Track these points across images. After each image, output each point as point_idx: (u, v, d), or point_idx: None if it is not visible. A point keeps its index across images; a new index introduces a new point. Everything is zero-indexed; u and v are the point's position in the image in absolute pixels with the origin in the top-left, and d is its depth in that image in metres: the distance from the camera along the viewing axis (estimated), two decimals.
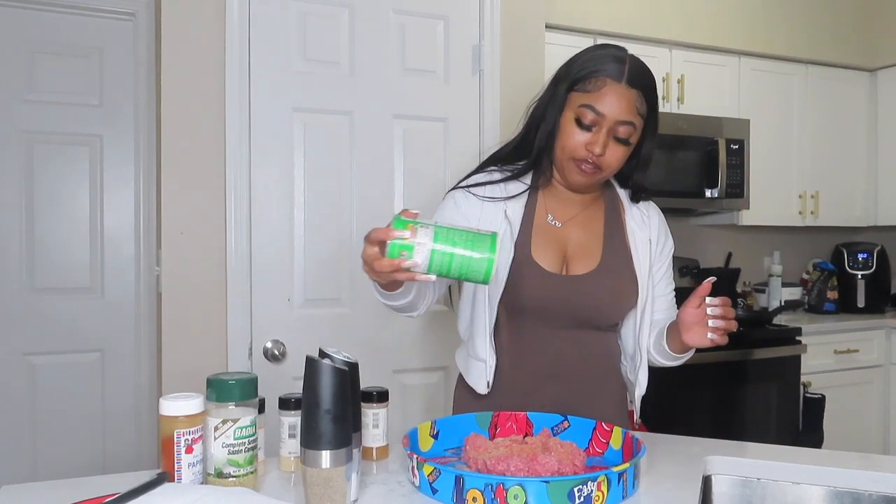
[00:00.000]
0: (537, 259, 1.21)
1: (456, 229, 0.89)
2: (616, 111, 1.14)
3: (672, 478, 0.98)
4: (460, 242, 0.88)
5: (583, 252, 1.23)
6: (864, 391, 3.11)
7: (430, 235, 0.88)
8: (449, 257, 0.87)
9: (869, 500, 1.01)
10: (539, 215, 1.26)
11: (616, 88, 1.15)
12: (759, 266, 3.55)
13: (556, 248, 1.23)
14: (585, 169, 1.18)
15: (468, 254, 0.87)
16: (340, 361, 0.86)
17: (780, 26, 3.23)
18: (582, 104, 1.16)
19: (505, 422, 1.11)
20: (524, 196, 1.26)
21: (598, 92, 1.15)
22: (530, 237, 1.23)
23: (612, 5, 2.85)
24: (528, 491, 0.81)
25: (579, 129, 1.16)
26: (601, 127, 1.15)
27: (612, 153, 1.17)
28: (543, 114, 1.22)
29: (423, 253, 0.87)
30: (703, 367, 2.61)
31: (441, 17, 2.14)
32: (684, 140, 2.88)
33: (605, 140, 1.15)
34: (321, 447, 0.82)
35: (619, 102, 1.14)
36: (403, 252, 0.87)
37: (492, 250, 0.88)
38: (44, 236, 2.22)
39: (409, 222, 0.89)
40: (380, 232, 0.91)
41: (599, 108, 1.14)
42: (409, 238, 0.87)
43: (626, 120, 1.15)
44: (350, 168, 2.03)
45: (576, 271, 1.22)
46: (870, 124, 3.50)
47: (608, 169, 1.19)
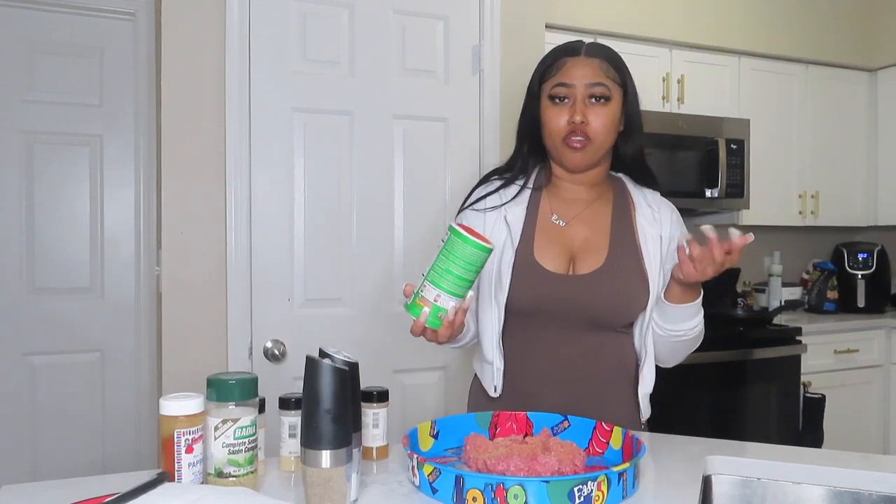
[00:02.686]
0: (540, 260, 1.21)
1: (437, 260, 0.99)
2: (582, 76, 1.21)
3: (672, 478, 0.98)
4: (445, 262, 0.98)
5: (589, 250, 1.23)
6: (864, 391, 3.11)
7: (431, 287, 0.99)
8: (452, 276, 0.98)
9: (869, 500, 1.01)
10: (543, 216, 1.26)
11: (576, 60, 1.23)
12: (759, 266, 3.55)
13: (560, 247, 1.23)
14: (575, 143, 1.21)
15: (455, 258, 0.97)
16: (340, 361, 0.86)
17: (781, 26, 3.23)
18: (552, 86, 1.23)
19: (505, 422, 1.11)
20: (525, 198, 1.27)
21: (562, 69, 1.23)
22: (533, 238, 1.23)
23: (612, 5, 2.85)
24: (528, 491, 0.81)
25: (556, 108, 1.22)
26: (574, 96, 1.21)
27: (595, 117, 1.20)
28: (525, 115, 1.31)
29: (443, 298, 0.99)
30: (703, 367, 2.61)
31: (441, 17, 2.14)
32: (684, 140, 2.88)
33: (581, 107, 1.20)
34: (321, 447, 0.82)
35: (583, 69, 1.22)
36: (440, 315, 1.00)
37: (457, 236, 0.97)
38: (44, 236, 2.22)
39: (416, 298, 1.01)
40: (415, 330, 1.05)
41: (566, 80, 1.22)
42: (428, 308, 0.99)
43: (595, 82, 1.21)
44: (350, 168, 2.03)
45: (582, 270, 1.22)
46: (870, 124, 3.49)
47: (597, 136, 1.21)
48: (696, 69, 3.02)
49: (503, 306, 1.22)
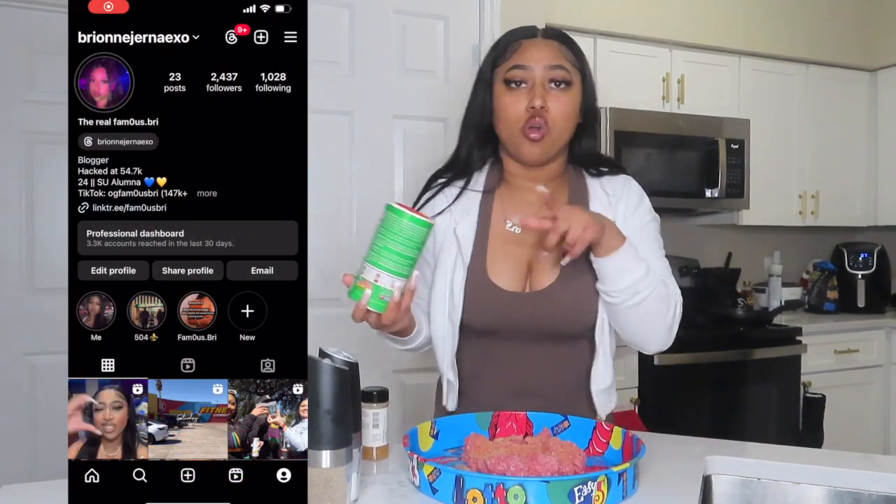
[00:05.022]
0: (495, 278, 1.14)
1: (374, 239, 0.96)
2: (541, 57, 1.12)
3: (672, 478, 0.98)
4: (383, 240, 0.94)
5: (545, 259, 1.13)
6: (864, 391, 3.11)
7: (370, 267, 0.95)
8: (391, 253, 0.94)
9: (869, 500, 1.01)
10: (496, 223, 1.18)
11: (533, 42, 1.15)
12: (759, 266, 3.55)
13: (515, 260, 1.15)
14: (534, 135, 1.11)
15: (393, 234, 0.94)
16: (340, 361, 0.86)
17: (781, 26, 3.23)
18: (508, 69, 1.13)
19: (505, 422, 1.11)
20: (476, 205, 1.18)
21: (518, 51, 1.14)
22: (486, 253, 1.16)
23: (612, 5, 2.85)
24: (528, 491, 0.81)
25: (513, 94, 1.12)
26: (533, 80, 1.12)
27: (555, 103, 1.11)
28: (474, 104, 1.19)
29: (383, 278, 0.94)
30: (703, 367, 2.61)
31: (441, 17, 2.14)
32: (684, 140, 2.88)
33: (541, 91, 1.11)
34: (321, 447, 0.82)
35: (542, 51, 1.13)
36: (382, 295, 0.95)
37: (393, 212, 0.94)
38: (44, 236, 2.22)
39: (357, 281, 0.96)
40: (356, 315, 0.99)
41: (524, 62, 1.12)
42: (369, 290, 0.95)
43: (555, 64, 1.12)
44: (350, 168, 2.03)
45: (538, 283, 1.14)
46: (870, 124, 3.49)
47: (556, 125, 1.12)
48: (696, 69, 3.02)
49: (458, 325, 1.15)
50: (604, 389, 1.16)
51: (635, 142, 2.77)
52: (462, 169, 1.21)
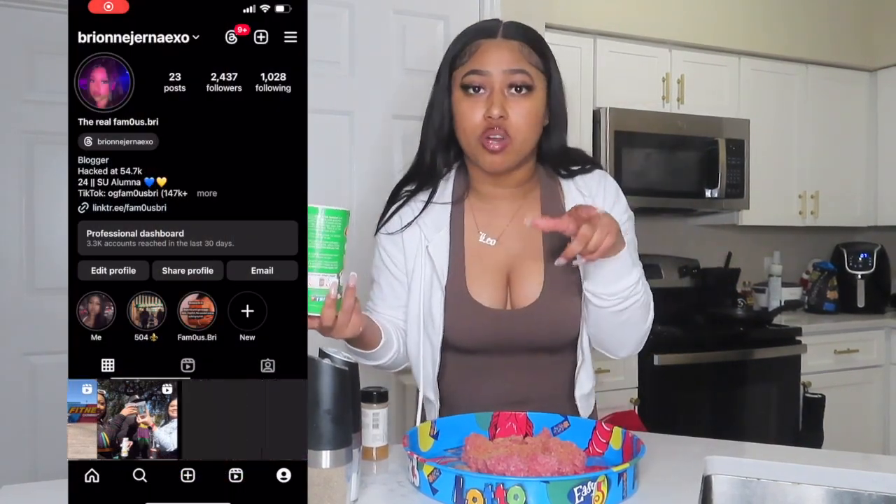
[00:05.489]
0: (475, 294, 1.11)
1: None
2: (499, 61, 1.05)
3: (672, 478, 0.98)
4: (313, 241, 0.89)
5: (525, 271, 1.11)
6: (864, 391, 3.11)
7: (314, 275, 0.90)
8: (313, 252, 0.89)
9: (869, 501, 1.01)
10: (469, 237, 1.14)
11: (493, 43, 1.07)
12: (759, 266, 3.55)
13: (494, 274, 1.12)
14: (493, 146, 1.05)
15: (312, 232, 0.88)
16: (340, 361, 0.86)
17: (781, 26, 3.23)
18: (465, 74, 1.07)
19: (505, 422, 1.11)
20: (446, 218, 1.14)
21: (476, 53, 1.07)
22: (463, 268, 1.12)
23: (612, 5, 2.85)
24: (528, 491, 0.81)
25: (470, 101, 1.06)
26: (492, 86, 1.05)
27: (516, 110, 1.05)
28: (434, 108, 1.14)
29: (311, 278, 0.89)
30: (703, 367, 2.61)
31: (441, 17, 2.14)
32: (684, 140, 2.88)
33: (500, 99, 1.04)
34: (321, 447, 0.82)
35: (500, 53, 1.06)
36: (314, 296, 0.90)
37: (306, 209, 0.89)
38: (44, 236, 2.22)
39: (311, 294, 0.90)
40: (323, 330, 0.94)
41: (481, 67, 1.05)
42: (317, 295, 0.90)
43: (515, 68, 1.05)
44: (350, 168, 2.03)
45: (520, 298, 1.11)
46: (870, 124, 3.49)
47: (518, 133, 1.05)
48: (696, 69, 3.02)
49: (438, 345, 1.12)
50: (586, 394, 1.17)
51: (635, 142, 2.77)
52: (427, 176, 1.16)
